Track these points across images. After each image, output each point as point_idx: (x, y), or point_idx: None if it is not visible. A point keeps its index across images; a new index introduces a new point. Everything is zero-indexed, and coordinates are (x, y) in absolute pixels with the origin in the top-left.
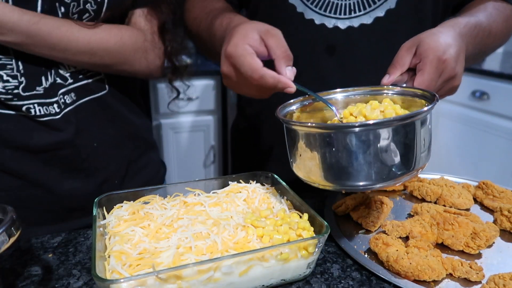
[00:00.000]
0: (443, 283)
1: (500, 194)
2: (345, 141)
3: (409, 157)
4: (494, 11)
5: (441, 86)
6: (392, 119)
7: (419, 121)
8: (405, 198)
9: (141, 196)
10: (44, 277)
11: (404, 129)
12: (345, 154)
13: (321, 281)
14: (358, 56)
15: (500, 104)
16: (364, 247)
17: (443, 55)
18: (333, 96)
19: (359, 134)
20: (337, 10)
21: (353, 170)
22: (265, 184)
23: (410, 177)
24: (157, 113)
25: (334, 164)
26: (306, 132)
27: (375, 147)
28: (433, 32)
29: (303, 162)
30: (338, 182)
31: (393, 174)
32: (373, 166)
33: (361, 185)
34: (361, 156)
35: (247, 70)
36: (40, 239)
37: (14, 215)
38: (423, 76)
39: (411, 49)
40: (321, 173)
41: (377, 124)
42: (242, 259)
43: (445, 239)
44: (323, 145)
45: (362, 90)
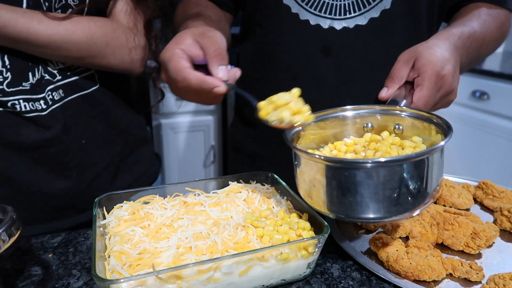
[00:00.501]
0: (443, 283)
1: (500, 194)
2: (355, 176)
3: (422, 191)
4: (488, 17)
5: (438, 101)
6: (405, 157)
7: (433, 156)
8: None
9: (141, 196)
10: (44, 277)
11: (417, 165)
12: (353, 188)
13: (321, 281)
14: (354, 56)
15: (500, 104)
16: (364, 247)
17: (441, 71)
18: (343, 113)
19: (369, 170)
20: (332, 11)
21: (362, 204)
22: (265, 184)
23: (422, 209)
24: (157, 113)
25: (342, 197)
26: (314, 163)
27: (387, 183)
28: (430, 45)
29: (310, 189)
30: (347, 214)
31: (404, 208)
32: (383, 202)
33: (370, 218)
34: (369, 192)
35: (172, 73)
36: (40, 239)
37: (14, 215)
38: (422, 91)
39: (408, 62)
40: (328, 203)
41: (389, 162)
42: (242, 259)
43: (445, 239)
44: (330, 177)
45: (373, 109)
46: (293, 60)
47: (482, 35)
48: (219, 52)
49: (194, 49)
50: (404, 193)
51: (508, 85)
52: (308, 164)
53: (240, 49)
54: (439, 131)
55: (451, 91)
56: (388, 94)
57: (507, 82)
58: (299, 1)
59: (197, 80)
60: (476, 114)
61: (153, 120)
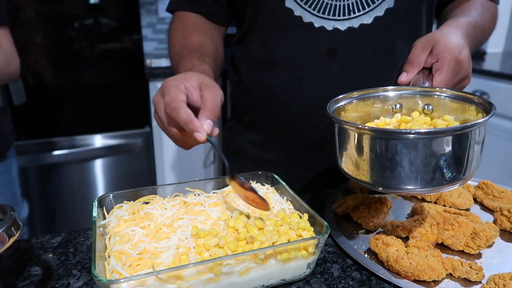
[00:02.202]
0: (443, 283)
1: (500, 194)
2: (396, 146)
3: (461, 166)
4: (483, 9)
5: (455, 85)
6: (445, 129)
7: (474, 131)
8: (405, 198)
9: (141, 196)
10: (44, 277)
11: (457, 139)
12: (394, 159)
13: (321, 281)
14: (360, 57)
15: (500, 104)
16: (364, 247)
17: (459, 56)
18: (385, 93)
19: (411, 141)
20: (335, 12)
21: (402, 175)
22: (265, 184)
23: (459, 185)
24: None
25: (384, 167)
26: (359, 133)
27: (424, 156)
28: (444, 32)
29: (353, 161)
30: (386, 184)
31: (443, 181)
32: (422, 173)
33: (409, 189)
34: (409, 163)
35: (168, 99)
36: (40, 239)
37: (14, 215)
38: (442, 75)
39: (426, 48)
40: (371, 174)
41: (430, 133)
42: (242, 259)
43: (445, 239)
44: (374, 148)
45: (412, 90)
46: (298, 64)
47: (482, 25)
48: (214, 109)
49: (195, 94)
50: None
51: (508, 85)
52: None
53: (237, 51)
54: (479, 110)
55: (467, 76)
56: (408, 79)
57: (507, 82)
58: (302, 3)
59: (186, 117)
60: None
61: (153, 120)
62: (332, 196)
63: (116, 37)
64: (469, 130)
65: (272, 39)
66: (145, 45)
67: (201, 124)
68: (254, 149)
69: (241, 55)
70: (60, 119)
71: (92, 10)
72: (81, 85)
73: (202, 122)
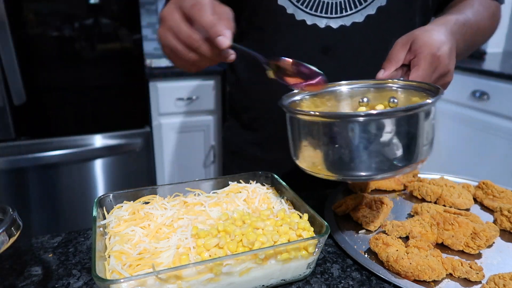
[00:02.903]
0: (443, 283)
1: (500, 194)
2: (349, 130)
3: (411, 150)
4: (480, 8)
5: (434, 82)
6: (396, 110)
7: (423, 113)
8: (405, 198)
9: (141, 196)
10: (44, 277)
11: (407, 121)
12: (348, 143)
13: (321, 281)
14: (353, 54)
15: (500, 104)
16: (364, 247)
17: (437, 52)
18: (338, 88)
19: (362, 123)
20: (328, 10)
21: (356, 160)
22: (265, 184)
23: (411, 169)
24: (157, 113)
25: (337, 154)
26: (309, 121)
27: (378, 138)
28: (427, 29)
29: (306, 152)
30: (340, 172)
31: (394, 165)
32: (375, 157)
33: (363, 176)
34: (363, 146)
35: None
36: (40, 239)
37: (14, 215)
38: (418, 71)
39: (405, 45)
40: (324, 163)
41: (381, 114)
42: (242, 259)
43: (445, 239)
44: (326, 134)
45: (367, 83)
46: None
47: (476, 23)
48: (230, 21)
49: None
50: (393, 148)
51: (508, 85)
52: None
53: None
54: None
55: (447, 72)
56: (385, 76)
57: (507, 82)
58: (294, 1)
59: (212, 19)
60: (476, 114)
61: (153, 120)
62: (332, 196)
63: (116, 37)
64: (416, 112)
65: (267, 38)
66: (145, 45)
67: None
68: (253, 148)
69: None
70: (60, 119)
71: (92, 10)
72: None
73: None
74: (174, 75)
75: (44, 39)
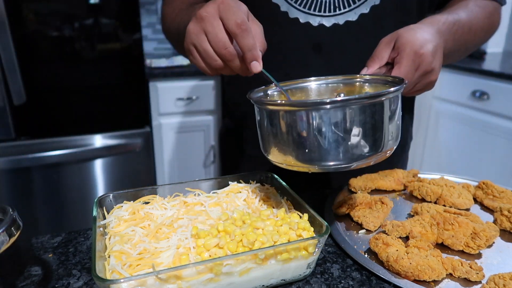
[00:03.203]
0: (443, 283)
1: (500, 194)
2: (313, 118)
3: (376, 137)
4: (476, 8)
5: (418, 80)
6: (360, 96)
7: (387, 101)
8: (405, 198)
9: (141, 196)
10: (44, 277)
11: (371, 108)
12: (313, 132)
13: (321, 281)
14: (345, 53)
15: (500, 104)
16: (364, 247)
17: (420, 49)
18: (307, 84)
19: (327, 111)
20: (321, 8)
21: (323, 150)
22: (265, 184)
23: (378, 159)
24: (157, 113)
25: (304, 143)
26: (277, 111)
27: (343, 125)
28: (412, 27)
29: (276, 144)
30: (310, 162)
31: (361, 154)
32: (341, 146)
33: (331, 165)
34: (329, 135)
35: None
36: (40, 239)
37: (14, 215)
38: (400, 69)
39: (389, 43)
40: (293, 153)
41: (346, 100)
42: (242, 259)
43: (445, 239)
44: (292, 124)
45: (335, 79)
46: (284, 59)
47: (469, 22)
48: (263, 41)
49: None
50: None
51: (508, 85)
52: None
53: None
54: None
55: (431, 70)
56: (368, 73)
57: (507, 82)
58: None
59: (252, 42)
60: (476, 114)
61: (153, 120)
62: (332, 196)
63: (116, 37)
64: (380, 100)
65: None
66: (145, 45)
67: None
68: (246, 146)
69: None
70: (60, 119)
71: (92, 10)
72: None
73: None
74: (174, 75)
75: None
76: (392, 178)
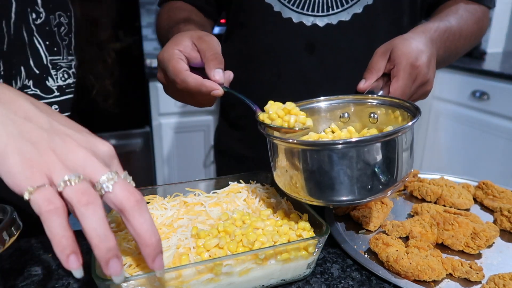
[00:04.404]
0: (443, 283)
1: (500, 194)
2: (327, 158)
3: (392, 172)
4: (465, 13)
5: (414, 91)
6: (375, 137)
7: (403, 136)
8: (405, 198)
9: None
10: (44, 277)
11: (386, 146)
12: (327, 170)
13: (321, 281)
14: (338, 53)
15: (500, 104)
16: (364, 247)
17: (416, 61)
18: (316, 104)
19: (341, 151)
20: (314, 8)
21: (337, 186)
22: (265, 184)
23: (395, 189)
24: (157, 113)
25: (317, 180)
26: (288, 148)
27: (357, 164)
28: (405, 37)
29: (288, 177)
30: (322, 197)
31: (377, 189)
32: (356, 182)
33: (345, 200)
34: (343, 173)
35: (171, 73)
36: (40, 239)
37: (14, 215)
38: (398, 82)
39: (385, 54)
40: (306, 188)
41: (360, 142)
42: (242, 259)
43: (445, 239)
44: (305, 161)
45: (346, 99)
46: (278, 59)
47: (459, 29)
48: (216, 56)
49: (192, 52)
50: (373, 173)
51: (508, 85)
52: (282, 150)
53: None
54: (410, 116)
55: (426, 81)
56: (366, 86)
57: (507, 82)
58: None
59: (196, 83)
60: (476, 114)
61: (153, 120)
62: None
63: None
64: (395, 136)
65: (253, 35)
66: (145, 45)
67: (212, 80)
68: (240, 147)
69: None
70: None
71: None
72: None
73: (212, 74)
74: None
75: None
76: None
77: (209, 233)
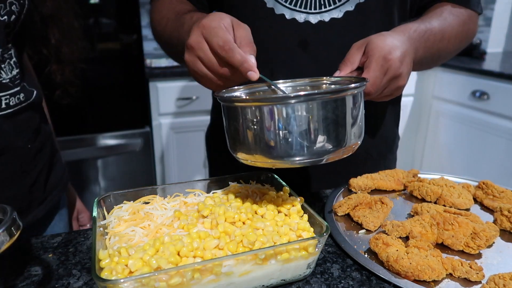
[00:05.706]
0: (443, 283)
1: (500, 194)
2: (278, 113)
3: (339, 133)
4: (450, 16)
5: (386, 84)
6: (323, 91)
7: (349, 97)
8: (405, 198)
9: (141, 196)
10: (44, 277)
11: (333, 104)
12: (278, 127)
13: (321, 281)
14: (331, 50)
15: (500, 104)
16: (364, 247)
17: (388, 55)
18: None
19: (292, 105)
20: (307, 5)
21: (285, 145)
22: (265, 184)
23: (343, 154)
24: (157, 113)
25: (268, 138)
26: (244, 107)
27: (305, 120)
28: (383, 34)
29: (242, 141)
30: (274, 158)
31: (324, 150)
32: (304, 140)
33: (296, 160)
34: (293, 129)
35: (219, 40)
36: (40, 239)
37: (14, 215)
38: (369, 73)
39: (361, 48)
40: (259, 149)
41: (309, 95)
42: (242, 259)
43: (445, 239)
44: (258, 119)
45: (303, 81)
46: (270, 55)
47: (441, 31)
48: (253, 46)
49: (230, 32)
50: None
51: (508, 85)
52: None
53: None
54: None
55: (398, 75)
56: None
57: (507, 82)
58: None
59: (241, 57)
60: (476, 114)
61: (153, 120)
62: (332, 196)
63: (116, 37)
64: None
65: None
66: (145, 45)
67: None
68: None
69: None
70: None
71: (92, 10)
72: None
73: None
74: (174, 75)
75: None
76: (392, 178)
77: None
